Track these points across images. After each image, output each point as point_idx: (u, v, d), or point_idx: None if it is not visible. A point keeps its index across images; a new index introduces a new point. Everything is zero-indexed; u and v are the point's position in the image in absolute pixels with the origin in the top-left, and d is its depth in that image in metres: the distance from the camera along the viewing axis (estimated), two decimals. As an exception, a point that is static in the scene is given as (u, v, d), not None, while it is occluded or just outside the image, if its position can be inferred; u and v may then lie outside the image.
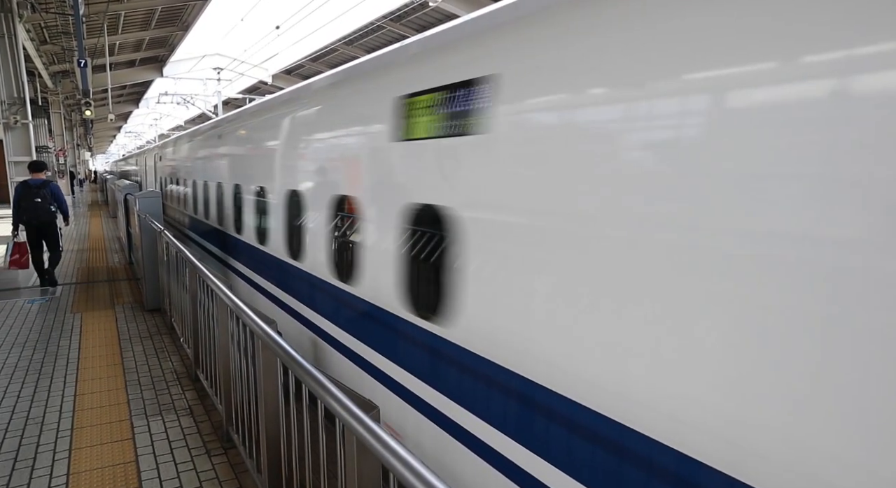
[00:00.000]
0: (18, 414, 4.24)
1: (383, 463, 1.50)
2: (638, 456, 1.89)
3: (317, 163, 4.62)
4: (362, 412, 1.70)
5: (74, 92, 23.59)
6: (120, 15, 17.82)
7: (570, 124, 2.12)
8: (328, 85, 4.52)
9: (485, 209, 2.54)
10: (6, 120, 11.37)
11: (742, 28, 1.57)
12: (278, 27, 24.58)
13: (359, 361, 3.85)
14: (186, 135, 11.54)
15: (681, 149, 1.70)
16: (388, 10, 19.12)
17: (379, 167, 3.50)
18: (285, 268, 5.21)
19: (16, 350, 5.69)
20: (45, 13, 14.03)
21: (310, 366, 2.14)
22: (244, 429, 3.34)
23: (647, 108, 1.82)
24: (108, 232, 15.72)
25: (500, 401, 2.52)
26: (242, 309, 2.99)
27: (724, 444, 1.61)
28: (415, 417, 3.20)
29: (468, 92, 2.58)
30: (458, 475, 2.82)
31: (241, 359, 3.24)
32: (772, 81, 1.50)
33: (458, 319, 2.76)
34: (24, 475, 3.41)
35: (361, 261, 3.71)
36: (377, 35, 21.28)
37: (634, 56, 1.85)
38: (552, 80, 2.19)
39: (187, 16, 20.31)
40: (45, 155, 14.70)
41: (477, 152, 2.55)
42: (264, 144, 5.88)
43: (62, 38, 17.64)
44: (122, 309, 7.42)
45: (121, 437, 3.88)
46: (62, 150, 27.85)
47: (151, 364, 5.33)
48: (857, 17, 1.35)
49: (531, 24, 2.33)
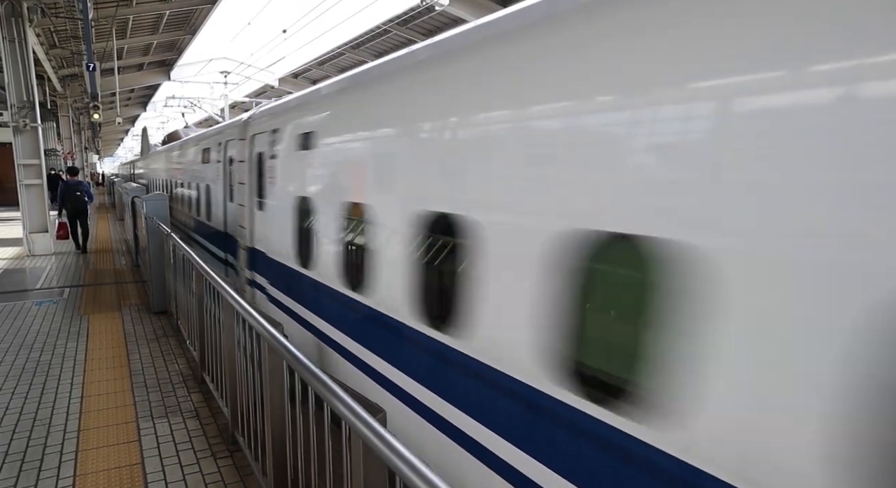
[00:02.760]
0: (26, 415, 4.26)
1: (389, 466, 1.50)
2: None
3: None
4: (369, 415, 1.70)
5: (83, 95, 23.73)
6: (128, 19, 17.96)
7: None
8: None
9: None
10: (16, 123, 11.47)
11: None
12: (285, 31, 24.72)
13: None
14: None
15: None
16: (394, 14, 19.20)
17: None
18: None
19: (23, 351, 5.72)
20: (54, 18, 14.15)
21: (316, 368, 2.14)
22: (250, 432, 3.35)
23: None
24: (115, 234, 15.81)
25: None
26: (248, 311, 2.99)
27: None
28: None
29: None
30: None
31: (247, 361, 3.25)
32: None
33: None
34: (32, 476, 3.43)
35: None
36: (384, 39, 21.35)
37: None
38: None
39: (195, 20, 20.44)
40: (53, 158, 15.08)
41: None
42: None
43: (71, 42, 17.81)
44: (128, 311, 7.45)
45: (127, 439, 3.90)
46: (70, 153, 28.07)
47: (158, 366, 5.35)
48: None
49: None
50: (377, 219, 3.60)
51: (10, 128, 11.57)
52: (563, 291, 2.22)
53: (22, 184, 11.84)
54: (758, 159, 1.58)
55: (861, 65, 1.39)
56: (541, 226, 2.33)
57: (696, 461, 1.72)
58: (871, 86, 1.38)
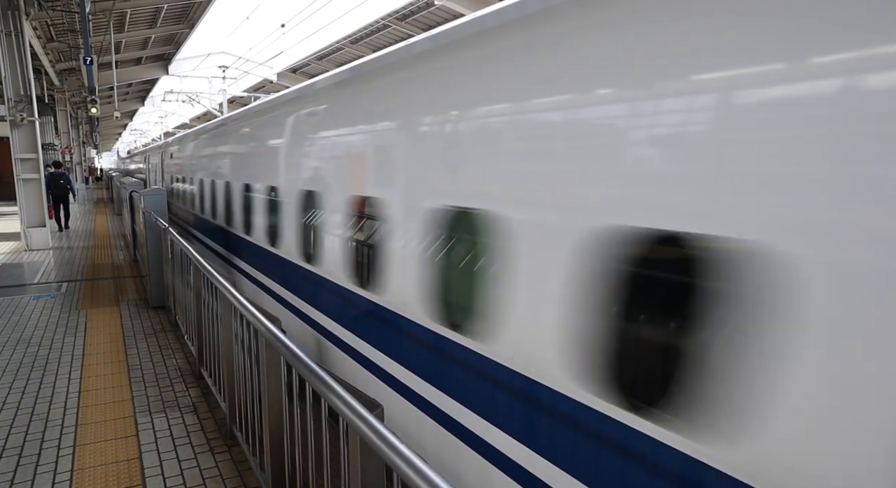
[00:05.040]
0: (23, 410, 4.25)
1: (387, 461, 1.49)
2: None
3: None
4: (366, 410, 1.70)
5: (80, 89, 23.69)
6: (126, 12, 17.88)
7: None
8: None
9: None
10: (13, 117, 11.42)
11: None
12: (283, 25, 24.60)
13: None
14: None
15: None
16: (393, 9, 19.13)
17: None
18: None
19: (21, 346, 5.71)
20: (51, 11, 14.08)
21: (313, 363, 2.13)
22: (247, 427, 3.34)
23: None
24: (112, 229, 15.78)
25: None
26: (246, 306, 2.99)
27: None
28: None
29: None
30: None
31: (245, 356, 3.25)
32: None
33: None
34: (29, 471, 3.43)
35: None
36: (382, 34, 21.29)
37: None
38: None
39: (193, 13, 20.35)
40: (50, 152, 15.76)
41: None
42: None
43: (68, 36, 17.72)
44: (126, 306, 7.44)
45: (125, 434, 3.89)
46: (68, 148, 27.99)
47: (156, 361, 5.35)
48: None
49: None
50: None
51: (8, 123, 11.52)
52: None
53: (19, 178, 11.80)
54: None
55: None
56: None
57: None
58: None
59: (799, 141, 1.53)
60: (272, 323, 2.67)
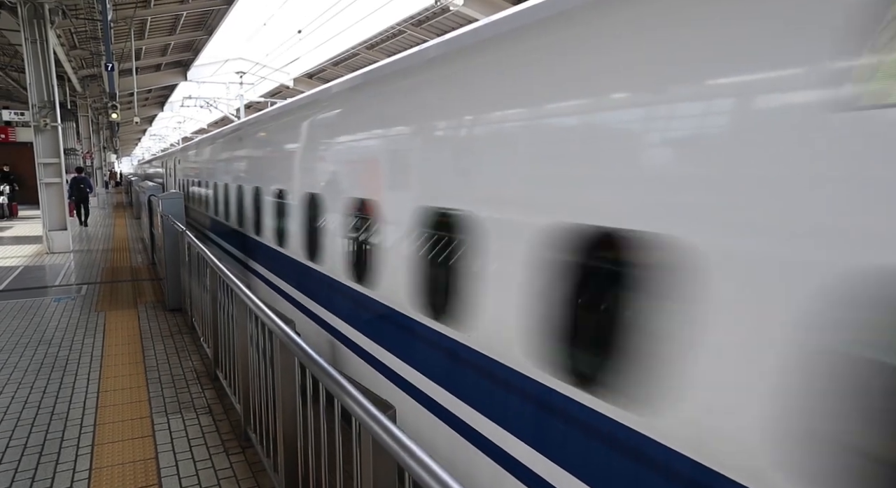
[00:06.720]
0: (44, 409, 4.33)
1: (399, 462, 1.50)
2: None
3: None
4: (379, 411, 1.71)
5: (102, 95, 24.08)
6: (147, 20, 18.20)
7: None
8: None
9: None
10: (36, 123, 11.66)
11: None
12: (300, 31, 24.86)
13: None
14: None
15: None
16: (408, 15, 19.24)
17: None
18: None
19: (42, 347, 5.82)
20: (75, 19, 14.37)
21: (327, 365, 2.15)
22: (262, 429, 3.37)
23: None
24: (131, 233, 16.03)
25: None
26: (262, 309, 3.02)
27: None
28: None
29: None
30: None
31: (260, 358, 3.28)
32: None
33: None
34: (49, 469, 3.49)
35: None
36: (398, 39, 21.40)
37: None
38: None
39: (211, 20, 20.65)
40: (72, 157, 16.50)
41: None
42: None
43: (91, 43, 18.05)
44: (144, 308, 7.55)
45: (141, 434, 3.95)
46: (89, 152, 28.50)
47: (172, 362, 5.41)
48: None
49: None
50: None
51: (32, 128, 11.77)
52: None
53: (42, 182, 12.03)
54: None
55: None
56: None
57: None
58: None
59: (695, 147, 1.79)
60: (287, 325, 2.70)
